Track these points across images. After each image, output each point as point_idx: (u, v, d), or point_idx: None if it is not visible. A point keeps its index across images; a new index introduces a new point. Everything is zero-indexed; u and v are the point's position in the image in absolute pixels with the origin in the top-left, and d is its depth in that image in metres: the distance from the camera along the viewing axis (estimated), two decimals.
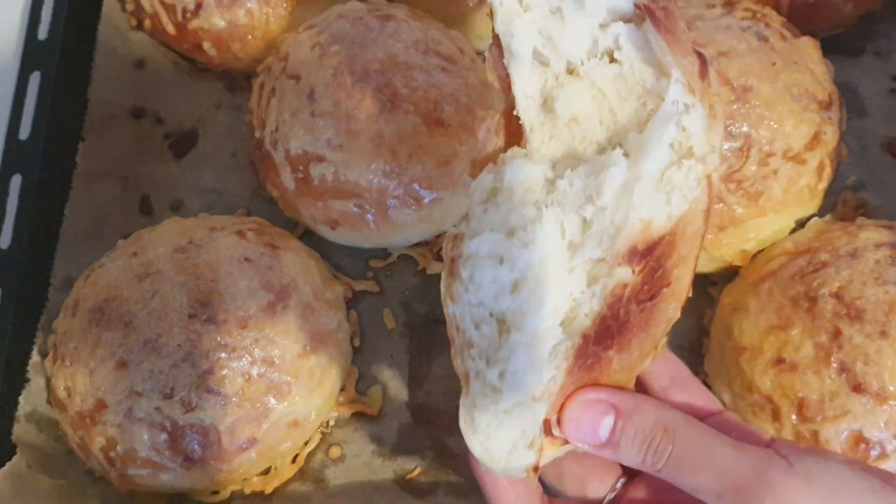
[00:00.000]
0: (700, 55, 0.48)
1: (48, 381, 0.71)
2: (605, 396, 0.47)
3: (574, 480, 0.54)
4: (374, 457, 0.71)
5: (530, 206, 0.46)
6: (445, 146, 0.73)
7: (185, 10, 0.81)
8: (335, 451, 0.71)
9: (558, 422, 0.47)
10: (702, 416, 0.53)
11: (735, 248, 0.72)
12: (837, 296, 0.64)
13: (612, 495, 0.55)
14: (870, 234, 0.68)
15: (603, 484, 0.55)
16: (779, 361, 0.64)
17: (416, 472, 0.70)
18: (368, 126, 0.72)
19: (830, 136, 0.72)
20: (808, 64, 0.73)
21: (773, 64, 0.71)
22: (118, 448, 0.66)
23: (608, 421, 0.47)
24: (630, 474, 0.55)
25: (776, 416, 0.63)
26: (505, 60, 0.48)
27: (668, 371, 0.54)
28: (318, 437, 0.72)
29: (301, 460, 0.71)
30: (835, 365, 0.62)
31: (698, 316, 0.74)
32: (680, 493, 0.50)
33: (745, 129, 0.69)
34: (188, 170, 0.82)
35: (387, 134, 0.72)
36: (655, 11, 0.46)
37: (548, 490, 0.55)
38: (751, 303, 0.67)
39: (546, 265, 0.45)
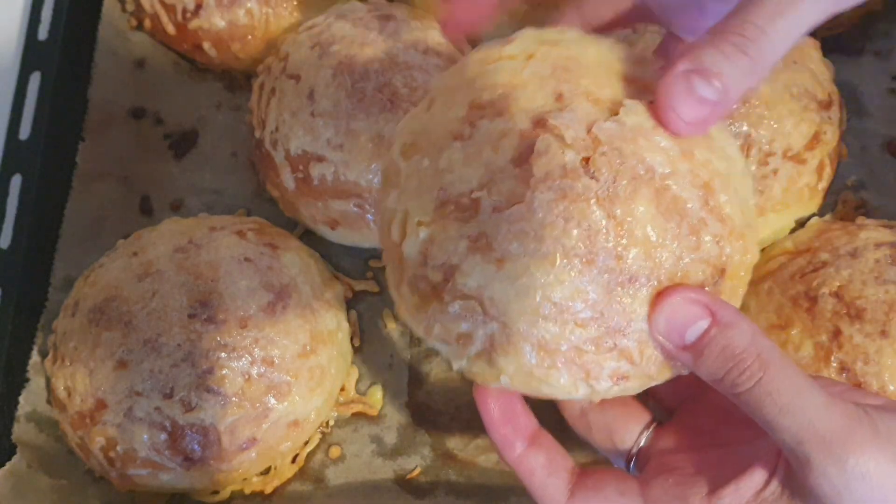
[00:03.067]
0: None
1: (48, 381, 0.71)
2: (706, 300, 0.44)
3: (602, 431, 0.53)
4: (374, 457, 0.71)
5: None
6: None
7: (185, 11, 0.81)
8: (335, 451, 0.71)
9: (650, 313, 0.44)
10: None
11: None
12: (837, 295, 0.64)
13: (643, 440, 0.53)
14: (870, 233, 0.68)
15: (631, 434, 0.53)
16: None
17: (416, 472, 0.70)
18: (368, 126, 0.72)
19: (830, 135, 0.72)
20: (808, 64, 0.73)
21: None
22: (118, 448, 0.66)
23: (702, 325, 0.43)
24: (662, 419, 0.54)
25: None
26: None
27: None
28: (318, 437, 0.71)
29: (301, 460, 0.71)
30: (835, 364, 0.62)
31: None
32: (712, 442, 0.48)
33: (744, 128, 0.69)
34: (188, 170, 0.82)
35: (387, 134, 0.72)
36: None
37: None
38: (751, 302, 0.67)
39: None
